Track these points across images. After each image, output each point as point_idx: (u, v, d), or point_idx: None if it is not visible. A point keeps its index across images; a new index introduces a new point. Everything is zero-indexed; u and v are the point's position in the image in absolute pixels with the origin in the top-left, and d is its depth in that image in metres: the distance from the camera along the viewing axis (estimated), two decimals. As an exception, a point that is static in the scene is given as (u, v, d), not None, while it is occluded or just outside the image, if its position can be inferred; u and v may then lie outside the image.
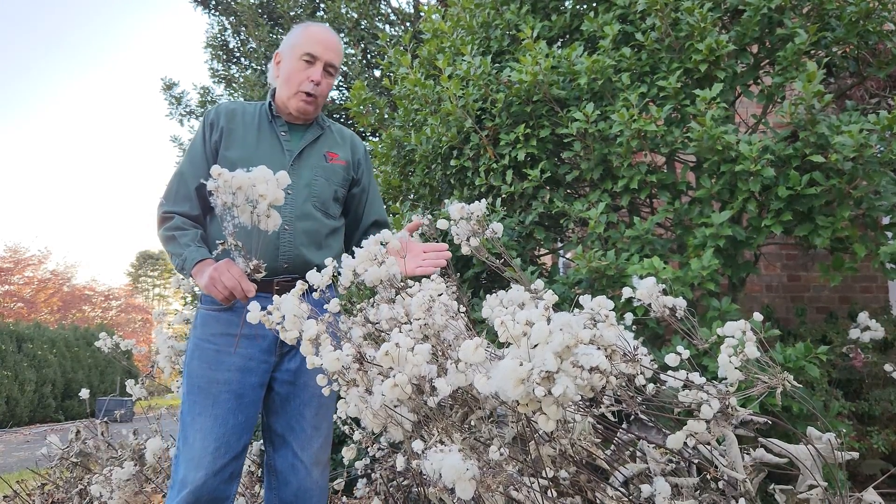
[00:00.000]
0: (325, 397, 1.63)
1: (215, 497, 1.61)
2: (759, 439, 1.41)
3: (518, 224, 2.45)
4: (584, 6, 2.69)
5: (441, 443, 1.12)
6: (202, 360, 1.69)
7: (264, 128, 1.82)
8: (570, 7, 2.71)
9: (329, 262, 1.38)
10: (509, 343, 0.98)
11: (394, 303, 1.34)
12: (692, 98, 2.18)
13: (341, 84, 7.07)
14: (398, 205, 2.85)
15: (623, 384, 1.17)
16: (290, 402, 1.73)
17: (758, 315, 1.29)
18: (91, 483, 2.64)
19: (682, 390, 1.19)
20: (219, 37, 7.55)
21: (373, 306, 1.41)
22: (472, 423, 1.24)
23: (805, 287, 3.73)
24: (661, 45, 2.28)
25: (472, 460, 0.99)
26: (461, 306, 1.32)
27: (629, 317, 1.39)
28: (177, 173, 1.78)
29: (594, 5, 2.65)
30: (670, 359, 1.25)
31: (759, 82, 2.33)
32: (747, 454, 1.41)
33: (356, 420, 2.41)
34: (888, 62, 2.30)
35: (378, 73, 6.26)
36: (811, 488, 1.32)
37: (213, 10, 7.70)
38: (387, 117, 3.21)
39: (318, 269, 1.37)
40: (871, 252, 2.00)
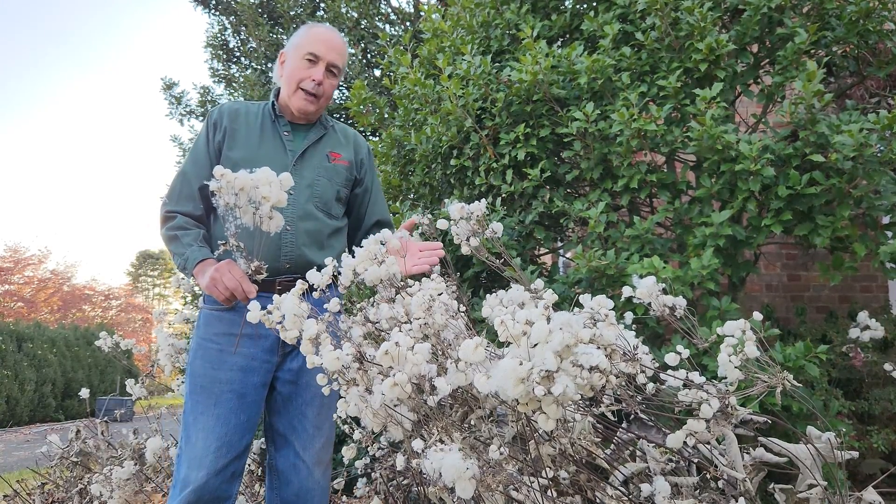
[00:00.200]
0: (328, 397, 1.63)
1: (217, 496, 1.61)
2: (759, 438, 1.41)
3: (518, 223, 2.45)
4: (585, 6, 2.69)
5: (441, 442, 1.12)
6: (205, 359, 1.69)
7: (267, 128, 1.82)
8: (570, 6, 2.71)
9: (329, 261, 1.38)
10: (509, 342, 0.98)
11: (394, 302, 1.34)
12: (692, 97, 2.18)
13: (341, 84, 7.06)
14: (398, 204, 2.85)
15: (623, 383, 1.17)
16: (292, 402, 1.73)
17: (757, 314, 1.29)
18: (91, 482, 2.64)
19: (682, 389, 1.19)
20: (219, 36, 7.54)
21: (373, 306, 1.41)
22: (472, 423, 1.25)
23: (805, 286, 3.73)
24: (661, 45, 2.28)
25: (471, 459, 0.99)
26: (461, 306, 1.32)
27: (629, 316, 1.39)
28: (180, 173, 1.78)
29: (594, 5, 2.65)
30: (670, 358, 1.25)
31: (759, 82, 2.33)
32: (747, 453, 1.41)
33: (356, 419, 2.41)
34: (888, 61, 2.30)
35: (378, 73, 6.26)
36: (811, 487, 1.32)
37: (213, 10, 7.70)
38: (387, 117, 3.21)
39: (320, 269, 1.37)
40: (870, 251, 2.00)
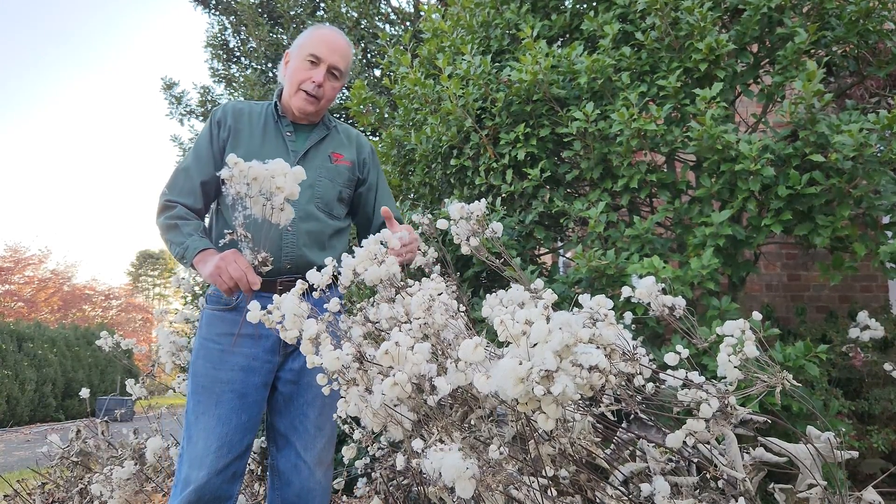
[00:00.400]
0: (329, 397, 1.63)
1: (218, 496, 1.61)
2: (759, 438, 1.41)
3: (518, 223, 2.45)
4: (584, 5, 2.69)
5: (441, 442, 1.12)
6: (206, 359, 1.69)
7: (270, 128, 1.82)
8: (570, 6, 2.71)
9: (329, 261, 1.38)
10: (509, 342, 0.98)
11: (394, 302, 1.35)
12: (692, 97, 2.18)
13: (342, 84, 7.03)
14: (398, 204, 2.85)
15: (622, 383, 1.17)
16: (293, 402, 1.73)
17: (757, 314, 1.29)
18: (91, 482, 2.64)
19: (682, 389, 1.19)
20: (219, 36, 7.54)
21: (373, 305, 1.41)
22: (472, 422, 1.25)
23: (805, 286, 3.73)
24: (660, 45, 2.28)
25: (471, 459, 0.99)
26: (461, 305, 1.32)
27: (628, 316, 1.39)
28: (181, 168, 1.77)
29: (594, 5, 2.65)
30: (670, 358, 1.25)
31: (759, 81, 2.33)
32: (747, 453, 1.41)
33: (356, 419, 2.41)
34: (888, 61, 2.30)
35: (378, 73, 6.26)
36: (811, 487, 1.32)
37: (213, 10, 7.69)
38: (387, 117, 3.21)
39: (320, 270, 1.37)
40: (870, 251, 2.00)
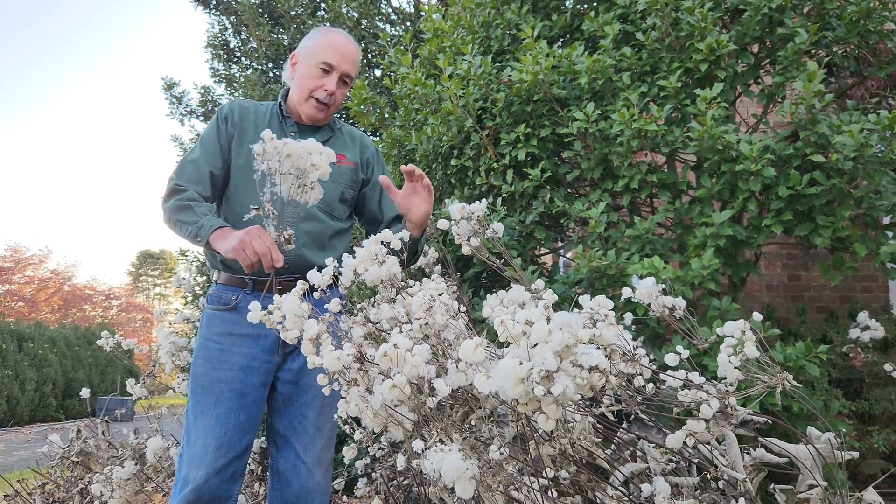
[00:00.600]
0: (329, 398, 1.63)
1: (217, 496, 1.61)
2: (759, 439, 1.41)
3: (518, 223, 2.45)
4: (585, 6, 2.69)
5: (441, 442, 1.12)
6: (206, 359, 1.69)
7: (274, 128, 1.82)
8: (571, 7, 2.71)
9: (330, 261, 1.38)
10: (509, 342, 0.98)
11: (394, 302, 1.35)
12: (693, 98, 2.18)
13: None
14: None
15: (623, 384, 1.17)
16: (292, 403, 1.73)
17: (757, 315, 1.29)
18: (92, 482, 2.64)
19: (682, 390, 1.19)
20: (219, 36, 7.53)
21: (373, 306, 1.41)
22: (473, 423, 1.25)
23: (805, 286, 3.73)
24: (661, 45, 2.28)
25: (472, 460, 0.99)
26: (461, 306, 1.32)
27: (629, 316, 1.39)
28: (189, 160, 1.76)
29: (595, 5, 2.65)
30: (670, 358, 1.25)
31: (760, 82, 2.33)
32: (747, 454, 1.41)
33: (357, 419, 2.41)
34: (889, 62, 2.30)
35: (378, 73, 6.25)
36: (811, 488, 1.32)
37: (213, 10, 7.69)
38: (387, 117, 3.21)
39: (321, 270, 1.37)
40: (871, 252, 2.00)
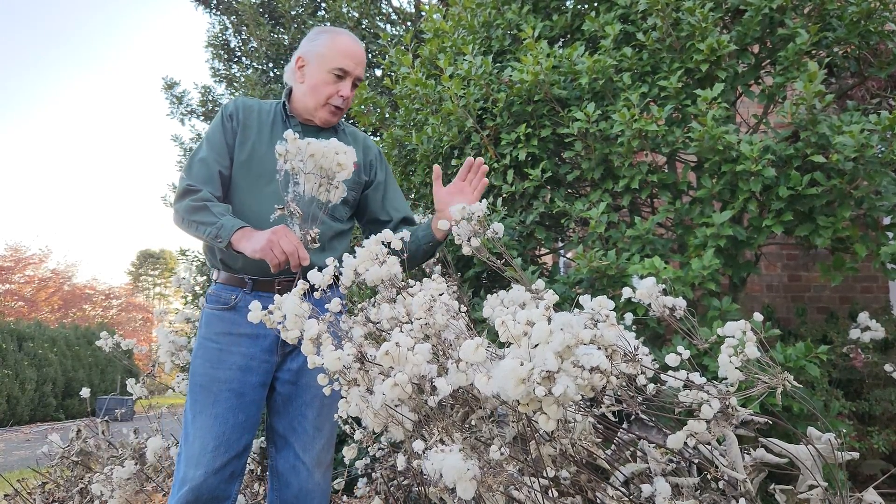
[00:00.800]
0: (328, 398, 1.63)
1: (215, 496, 1.61)
2: (760, 439, 1.41)
3: (519, 224, 2.45)
4: (586, 6, 2.69)
5: (442, 442, 1.12)
6: (205, 358, 1.69)
7: (278, 127, 1.82)
8: (572, 7, 2.71)
9: (330, 261, 1.38)
10: (510, 343, 0.98)
11: (395, 302, 1.35)
12: (693, 98, 2.18)
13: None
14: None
15: (623, 384, 1.17)
16: (291, 403, 1.72)
17: (758, 315, 1.29)
18: (92, 482, 2.64)
19: (683, 390, 1.19)
20: (220, 36, 7.53)
21: (374, 306, 1.41)
22: (473, 423, 1.25)
23: (806, 287, 3.73)
24: (662, 45, 2.28)
25: (472, 460, 0.99)
26: (462, 306, 1.32)
27: (629, 317, 1.39)
28: (198, 158, 1.75)
29: (595, 5, 2.65)
30: (671, 359, 1.25)
31: (760, 82, 2.33)
32: (748, 454, 1.41)
33: (357, 419, 2.41)
34: (889, 62, 2.30)
35: (379, 73, 6.25)
36: (811, 488, 1.32)
37: (214, 10, 7.69)
38: (388, 117, 3.21)
39: (321, 270, 1.37)
40: (871, 252, 2.00)
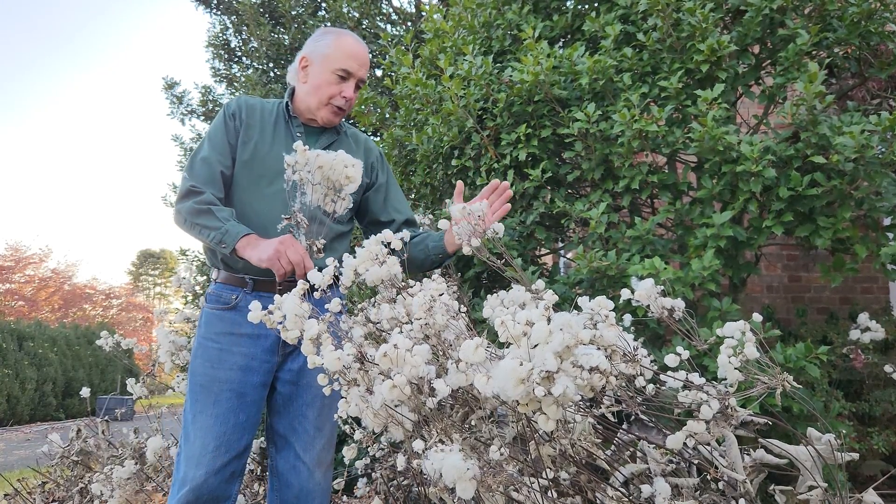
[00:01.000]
0: (329, 398, 1.63)
1: (216, 496, 1.61)
2: (759, 440, 1.41)
3: (519, 224, 2.45)
4: (586, 6, 2.69)
5: (441, 443, 1.12)
6: (205, 358, 1.69)
7: (280, 127, 1.81)
8: (572, 7, 2.71)
9: (330, 262, 1.38)
10: (510, 343, 0.98)
11: (395, 302, 1.35)
12: (693, 98, 2.18)
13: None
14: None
15: (623, 384, 1.17)
16: (292, 403, 1.72)
17: (757, 316, 1.29)
18: (92, 481, 2.65)
19: (683, 391, 1.19)
20: (220, 36, 7.53)
21: (374, 306, 1.41)
22: (473, 423, 1.25)
23: (806, 287, 3.73)
24: (662, 46, 2.28)
25: (472, 460, 0.99)
26: (462, 306, 1.32)
27: (628, 317, 1.39)
28: (201, 158, 1.73)
29: (596, 5, 2.65)
30: (670, 359, 1.25)
31: (761, 83, 2.33)
32: (747, 455, 1.41)
33: (357, 419, 2.41)
34: (890, 63, 2.30)
35: (379, 73, 6.25)
36: (811, 489, 1.32)
37: (214, 10, 7.69)
38: (388, 117, 3.22)
39: (321, 270, 1.37)
40: (871, 253, 2.00)
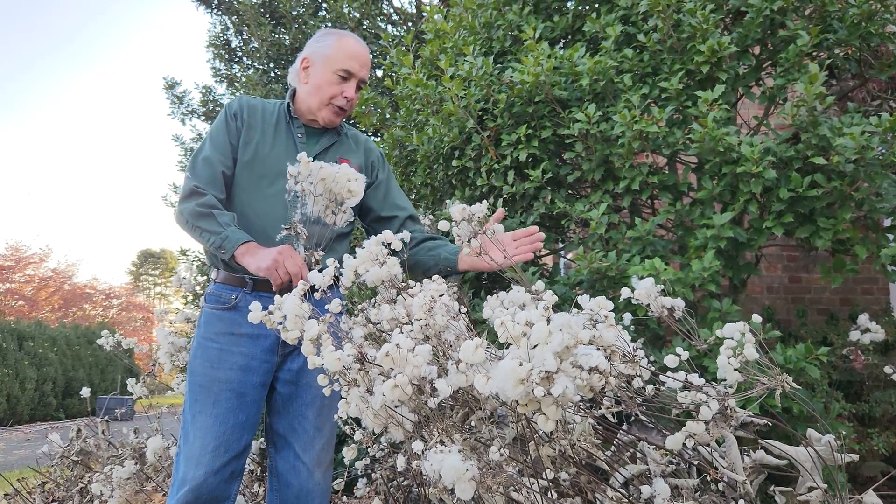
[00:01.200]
0: (329, 398, 1.63)
1: (215, 496, 1.61)
2: (759, 441, 1.41)
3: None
4: (587, 7, 2.69)
5: (441, 443, 1.12)
6: (204, 358, 1.69)
7: (281, 128, 1.82)
8: (573, 8, 2.71)
9: (330, 262, 1.38)
10: (509, 343, 0.98)
11: (395, 303, 1.35)
12: (694, 99, 2.18)
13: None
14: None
15: (623, 385, 1.17)
16: (292, 403, 1.73)
17: (757, 316, 1.29)
18: (92, 481, 2.65)
19: (682, 391, 1.19)
20: (221, 36, 7.53)
21: (374, 306, 1.41)
22: (473, 424, 1.25)
23: (806, 288, 3.73)
24: (662, 47, 2.28)
25: (472, 461, 0.99)
26: (462, 307, 1.32)
27: (628, 316, 1.39)
28: (203, 158, 1.73)
29: (596, 6, 2.65)
30: (670, 360, 1.25)
31: (761, 84, 2.33)
32: (747, 455, 1.41)
33: (357, 420, 2.41)
34: (890, 64, 2.30)
35: (380, 73, 6.25)
36: (811, 490, 1.32)
37: (215, 10, 7.69)
38: (388, 117, 3.22)
39: (321, 270, 1.37)
40: (872, 254, 2.00)
